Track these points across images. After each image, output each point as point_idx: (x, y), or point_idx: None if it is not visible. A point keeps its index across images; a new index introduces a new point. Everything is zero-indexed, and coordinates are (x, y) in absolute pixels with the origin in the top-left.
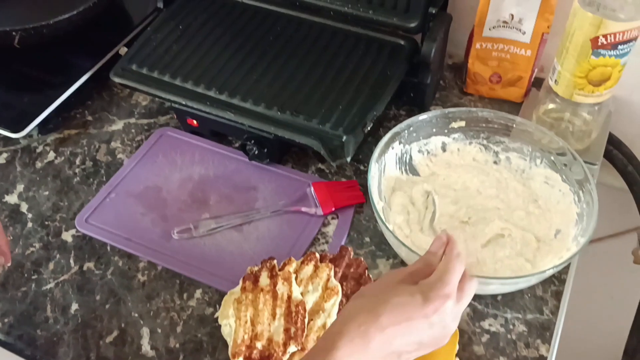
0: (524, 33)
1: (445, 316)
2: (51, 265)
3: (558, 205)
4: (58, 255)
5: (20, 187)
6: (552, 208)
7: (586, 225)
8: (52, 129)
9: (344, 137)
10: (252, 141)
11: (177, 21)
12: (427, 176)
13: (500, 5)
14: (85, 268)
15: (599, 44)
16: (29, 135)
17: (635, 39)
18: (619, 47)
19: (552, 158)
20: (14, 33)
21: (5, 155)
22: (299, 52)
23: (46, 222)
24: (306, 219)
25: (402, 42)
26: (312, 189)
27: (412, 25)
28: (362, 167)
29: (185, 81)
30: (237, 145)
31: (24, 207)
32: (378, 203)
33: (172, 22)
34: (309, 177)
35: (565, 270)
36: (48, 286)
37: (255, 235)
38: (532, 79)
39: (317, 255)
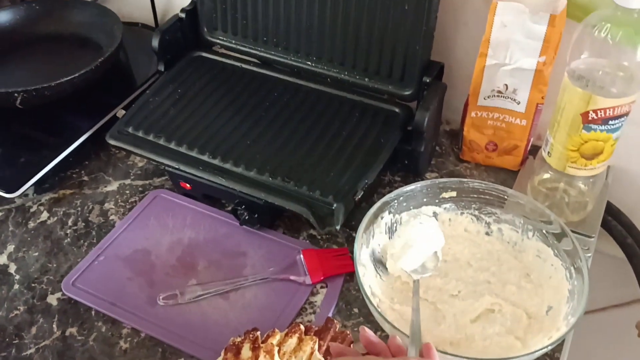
0: (518, 103)
1: None
2: (33, 330)
3: (550, 281)
4: (41, 320)
5: (10, 248)
6: (544, 283)
7: (577, 304)
8: (47, 189)
9: (334, 205)
10: (243, 206)
11: (176, 85)
12: None
13: (494, 76)
14: (67, 333)
15: (590, 118)
16: (24, 195)
17: (626, 114)
18: (610, 122)
19: (544, 231)
20: (16, 94)
21: None
22: (295, 117)
23: (33, 284)
24: (294, 288)
25: (396, 110)
26: (302, 256)
27: (407, 93)
28: (354, 234)
29: (179, 145)
30: (229, 208)
31: (12, 268)
32: (363, 275)
33: (171, 86)
34: (300, 243)
35: (558, 347)
36: (28, 352)
37: (242, 303)
38: (529, 148)
39: (302, 327)
